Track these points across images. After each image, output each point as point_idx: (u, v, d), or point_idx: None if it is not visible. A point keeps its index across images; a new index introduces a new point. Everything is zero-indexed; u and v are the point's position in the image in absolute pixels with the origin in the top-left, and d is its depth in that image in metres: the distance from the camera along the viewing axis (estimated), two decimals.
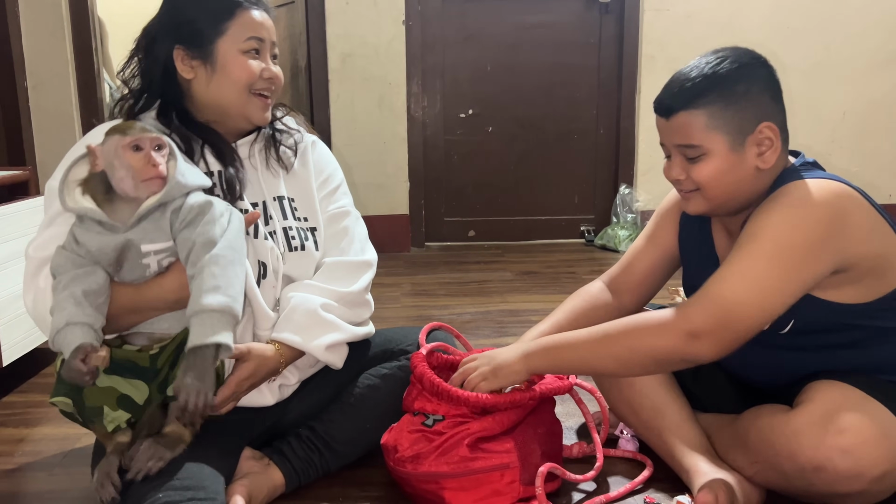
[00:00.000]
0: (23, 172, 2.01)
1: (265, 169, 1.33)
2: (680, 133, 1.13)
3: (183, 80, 1.26)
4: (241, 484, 1.19)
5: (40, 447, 1.50)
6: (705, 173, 1.13)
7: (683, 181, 1.16)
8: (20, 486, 1.36)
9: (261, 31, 1.26)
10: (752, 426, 1.16)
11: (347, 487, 1.30)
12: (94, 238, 1.08)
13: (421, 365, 1.29)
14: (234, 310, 1.05)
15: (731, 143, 1.11)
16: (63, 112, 2.92)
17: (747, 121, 1.11)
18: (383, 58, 3.30)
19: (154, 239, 1.10)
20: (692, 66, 1.14)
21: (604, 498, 1.24)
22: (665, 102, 1.14)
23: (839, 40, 3.38)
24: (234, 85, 1.24)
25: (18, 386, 1.83)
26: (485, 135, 3.52)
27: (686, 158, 1.14)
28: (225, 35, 1.24)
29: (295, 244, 1.31)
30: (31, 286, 1.16)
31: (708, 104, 1.10)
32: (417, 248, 3.49)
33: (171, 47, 1.24)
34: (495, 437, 1.21)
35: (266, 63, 1.27)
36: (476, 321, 2.33)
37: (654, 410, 1.28)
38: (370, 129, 3.35)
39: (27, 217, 1.82)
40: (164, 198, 1.09)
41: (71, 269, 1.07)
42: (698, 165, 1.13)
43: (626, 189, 3.46)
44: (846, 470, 1.02)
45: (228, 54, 1.24)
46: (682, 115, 1.12)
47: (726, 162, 1.12)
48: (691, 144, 1.12)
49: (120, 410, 1.09)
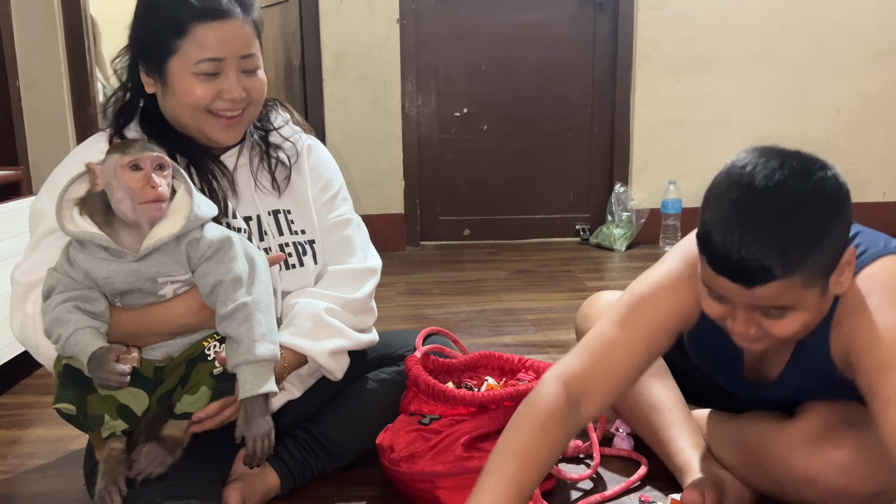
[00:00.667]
0: (15, 172, 2.00)
1: (257, 182, 1.28)
2: (766, 299, 0.90)
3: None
4: (234, 487, 1.18)
5: (33, 449, 1.49)
6: (791, 330, 0.93)
7: (754, 332, 0.95)
8: (12, 488, 1.35)
9: (218, 50, 1.14)
10: (750, 429, 1.15)
11: (342, 487, 1.30)
12: (99, 265, 1.03)
13: (416, 367, 1.29)
14: (278, 356, 1.09)
15: (822, 290, 0.92)
16: (56, 112, 2.90)
17: (837, 257, 0.91)
18: (377, 56, 3.29)
19: (171, 272, 1.06)
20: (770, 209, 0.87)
21: (599, 497, 1.24)
22: (749, 269, 0.87)
23: (832, 37, 3.38)
24: (185, 107, 1.17)
25: (11, 387, 1.82)
26: (479, 133, 3.51)
27: (763, 314, 0.93)
28: (175, 55, 1.14)
29: (292, 262, 1.28)
30: (19, 312, 1.12)
31: (807, 265, 0.88)
32: (412, 247, 3.49)
33: (136, 57, 1.20)
34: (490, 437, 1.21)
35: (228, 83, 1.16)
36: (471, 320, 2.33)
37: (651, 408, 1.27)
38: (364, 127, 3.34)
39: (19, 217, 1.81)
40: (182, 231, 1.04)
41: (66, 291, 1.04)
42: (781, 322, 0.93)
43: (621, 187, 3.46)
44: (839, 486, 1.01)
45: (178, 76, 1.15)
46: (774, 285, 0.88)
47: (815, 310, 0.94)
48: (780, 307, 0.91)
49: (119, 420, 1.07)
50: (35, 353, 1.14)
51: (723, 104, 3.42)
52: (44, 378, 1.87)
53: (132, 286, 1.06)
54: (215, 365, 1.09)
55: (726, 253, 0.88)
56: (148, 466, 1.07)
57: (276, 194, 1.30)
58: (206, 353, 1.09)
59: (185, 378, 1.10)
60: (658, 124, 3.45)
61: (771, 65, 3.40)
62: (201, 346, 1.10)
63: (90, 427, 1.07)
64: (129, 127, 1.23)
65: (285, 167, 1.31)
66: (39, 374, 1.89)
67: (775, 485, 1.10)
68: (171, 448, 1.10)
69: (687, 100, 3.43)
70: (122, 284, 1.05)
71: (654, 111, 3.44)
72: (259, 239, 1.26)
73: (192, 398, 1.08)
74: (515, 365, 1.40)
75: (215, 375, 1.09)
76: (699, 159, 3.45)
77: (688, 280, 1.04)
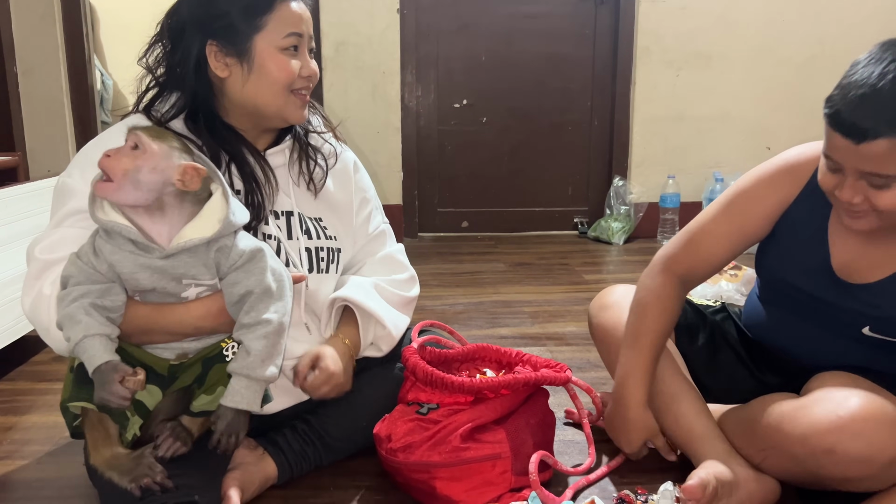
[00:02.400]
0: (12, 158, 1.99)
1: (296, 183, 1.28)
2: (871, 161, 0.98)
3: (215, 78, 1.18)
4: (233, 476, 1.18)
5: (29, 435, 1.49)
6: (893, 202, 1.00)
7: (859, 204, 1.04)
8: (8, 475, 1.35)
9: (300, 26, 1.17)
10: (762, 413, 1.15)
11: (338, 477, 1.30)
12: (126, 258, 1.01)
13: (413, 357, 1.29)
14: (276, 379, 1.09)
15: None
16: (53, 98, 2.89)
17: None
18: (377, 47, 3.28)
19: (198, 275, 1.05)
20: (886, 77, 0.96)
21: (584, 480, 1.26)
22: (860, 124, 0.96)
23: (833, 34, 3.38)
24: (272, 85, 1.17)
25: (7, 374, 1.81)
26: (479, 125, 3.51)
27: (868, 184, 1.01)
28: (263, 31, 1.15)
29: (322, 266, 1.29)
30: (33, 289, 1.08)
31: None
32: (410, 238, 3.48)
33: (203, 41, 1.15)
34: (488, 428, 1.21)
35: (305, 59, 1.19)
36: (468, 311, 2.33)
37: (670, 396, 1.27)
38: (363, 118, 3.33)
39: (16, 203, 1.80)
40: (215, 235, 1.03)
41: (85, 282, 1.01)
42: (883, 193, 1.00)
43: (620, 181, 3.46)
44: (857, 453, 1.01)
45: (266, 52, 1.15)
46: (880, 143, 0.96)
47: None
48: (882, 174, 0.99)
49: (136, 416, 1.06)
50: (45, 333, 1.10)
51: (723, 99, 3.41)
52: (40, 365, 1.86)
53: (156, 284, 1.04)
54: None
55: (843, 108, 0.98)
56: (176, 441, 1.06)
57: (311, 196, 1.30)
58: (224, 354, 1.09)
59: (201, 377, 1.09)
60: (658, 118, 3.45)
61: (771, 61, 3.40)
62: (219, 347, 1.09)
63: (117, 421, 1.05)
64: (172, 125, 1.19)
65: (322, 170, 1.32)
66: (36, 360, 1.89)
67: (794, 464, 1.10)
68: (186, 435, 1.09)
69: (687, 94, 3.42)
70: (147, 282, 1.03)
71: (654, 105, 3.44)
72: (288, 238, 1.25)
73: (210, 398, 1.07)
74: (513, 359, 1.40)
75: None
76: (698, 154, 3.45)
77: (787, 173, 1.20)
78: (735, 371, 1.36)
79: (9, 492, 1.30)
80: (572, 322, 2.17)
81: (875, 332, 1.15)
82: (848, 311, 1.16)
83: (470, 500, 1.16)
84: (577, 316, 2.23)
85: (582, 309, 1.49)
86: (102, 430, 1.05)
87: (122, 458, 1.04)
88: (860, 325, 1.16)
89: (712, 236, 1.25)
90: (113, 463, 1.04)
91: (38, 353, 1.93)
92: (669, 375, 1.28)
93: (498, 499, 1.18)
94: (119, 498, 1.02)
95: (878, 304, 1.13)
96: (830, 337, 1.20)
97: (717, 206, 1.26)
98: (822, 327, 1.21)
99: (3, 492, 1.29)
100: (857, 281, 1.15)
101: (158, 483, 1.01)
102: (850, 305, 1.16)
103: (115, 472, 1.03)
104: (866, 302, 1.14)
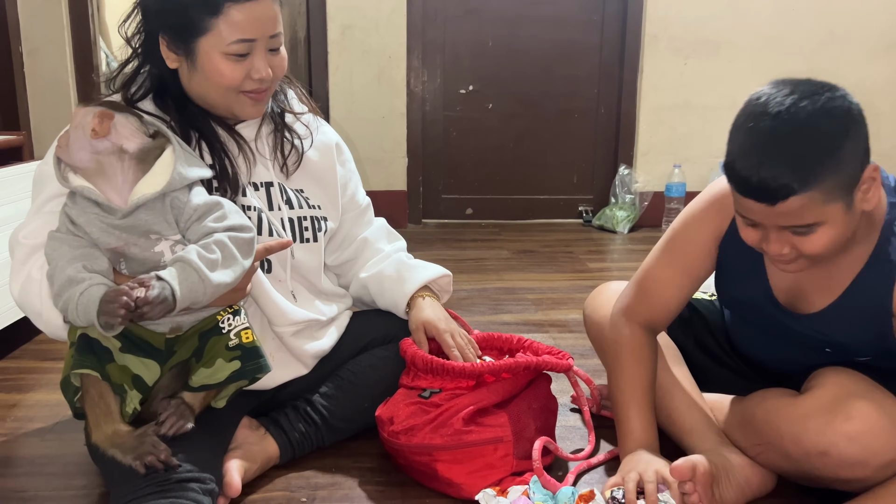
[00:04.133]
0: (17, 137, 1.98)
1: (272, 156, 1.28)
2: (789, 217, 0.96)
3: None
4: (235, 456, 1.19)
5: (33, 412, 1.50)
6: (820, 245, 0.99)
7: (787, 254, 1.02)
8: (12, 451, 1.36)
9: (251, 31, 1.11)
10: (759, 408, 1.15)
11: (340, 458, 1.30)
12: (93, 222, 1.04)
13: (411, 348, 1.30)
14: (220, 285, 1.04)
15: (845, 205, 0.97)
16: (58, 79, 2.88)
17: (856, 173, 0.97)
18: (383, 30, 3.26)
19: (162, 230, 1.06)
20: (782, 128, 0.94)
21: (585, 464, 1.27)
22: (771, 187, 0.94)
23: (843, 24, 3.35)
24: (216, 87, 1.15)
25: (11, 352, 1.82)
26: (484, 112, 3.49)
27: (792, 233, 0.99)
28: (208, 34, 1.11)
29: (307, 235, 1.29)
30: (20, 273, 1.10)
31: (822, 180, 0.93)
32: (414, 224, 3.48)
33: (157, 30, 1.15)
34: (490, 411, 1.21)
35: (257, 63, 1.14)
36: (472, 298, 2.33)
37: (664, 391, 1.27)
38: (369, 102, 3.32)
39: (20, 182, 1.80)
40: (164, 189, 1.05)
41: (68, 251, 1.03)
42: (810, 238, 0.98)
43: (626, 170, 3.45)
44: (851, 456, 1.01)
45: (208, 56, 1.12)
46: (793, 200, 0.94)
47: (842, 225, 0.98)
48: (803, 224, 0.97)
49: (134, 390, 1.06)
50: (36, 318, 1.12)
51: (730, 88, 3.39)
52: (44, 343, 1.87)
53: (127, 242, 1.05)
54: (230, 338, 1.09)
55: (748, 176, 0.96)
56: (179, 419, 1.06)
57: (284, 175, 1.31)
58: (220, 327, 1.09)
59: (198, 351, 1.09)
60: (664, 107, 3.43)
61: (780, 50, 3.37)
62: (215, 320, 1.10)
63: (117, 393, 1.05)
64: (144, 101, 1.20)
65: (297, 151, 1.31)
66: (40, 339, 1.90)
67: (788, 462, 1.10)
68: (187, 412, 1.09)
69: (694, 83, 3.40)
70: (116, 241, 1.05)
71: (661, 94, 3.42)
72: (269, 208, 1.26)
73: (209, 371, 1.08)
74: (514, 345, 1.40)
75: (231, 348, 1.09)
76: (705, 143, 3.43)
77: (714, 206, 1.18)
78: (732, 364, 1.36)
79: (13, 467, 1.31)
80: (575, 309, 2.17)
81: (836, 356, 1.14)
82: (805, 335, 1.15)
83: (471, 482, 1.17)
84: (580, 304, 2.22)
85: (585, 297, 1.49)
86: (104, 405, 1.05)
87: (125, 435, 1.05)
88: (821, 346, 1.15)
89: (660, 282, 1.24)
90: (115, 440, 1.04)
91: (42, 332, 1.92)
92: (661, 369, 1.28)
93: (499, 482, 1.18)
94: (121, 475, 1.03)
95: (825, 333, 1.12)
96: (801, 352, 1.18)
97: (658, 250, 1.25)
98: (791, 345, 1.19)
99: (7, 467, 1.30)
100: (802, 311, 1.14)
101: (162, 461, 1.01)
102: (802, 331, 1.15)
103: (117, 450, 1.03)
104: (816, 330, 1.13)
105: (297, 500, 1.19)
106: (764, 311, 1.19)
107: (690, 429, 1.23)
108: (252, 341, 1.11)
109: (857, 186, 0.97)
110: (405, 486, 1.23)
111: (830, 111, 0.94)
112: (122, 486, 1.01)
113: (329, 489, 1.22)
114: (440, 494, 1.20)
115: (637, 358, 1.23)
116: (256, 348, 1.11)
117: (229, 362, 1.08)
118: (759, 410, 1.15)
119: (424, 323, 1.33)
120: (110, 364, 1.05)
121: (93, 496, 1.20)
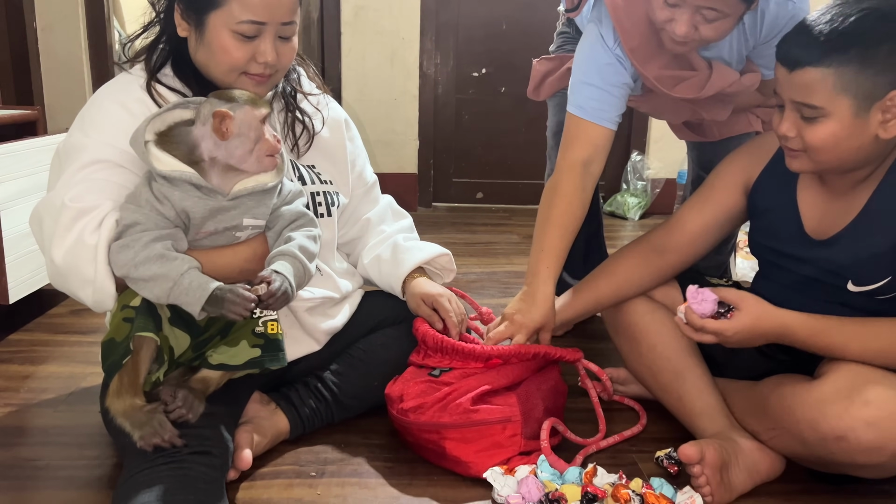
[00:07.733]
0: (32, 112, 1.99)
1: (282, 133, 1.29)
2: (801, 90, 1.02)
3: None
4: (246, 430, 1.20)
5: (46, 384, 1.52)
6: (819, 137, 1.03)
7: (792, 139, 1.07)
8: (25, 422, 1.37)
9: (263, 14, 1.10)
10: (773, 393, 1.15)
11: (349, 435, 1.31)
12: (197, 204, 1.05)
13: (423, 326, 1.30)
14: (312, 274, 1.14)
15: (856, 108, 1.00)
16: (72, 55, 2.88)
17: (880, 86, 0.99)
18: (397, 12, 3.25)
19: (257, 215, 1.11)
20: (831, 13, 1.00)
21: (594, 447, 1.27)
22: (792, 53, 1.02)
23: None
24: (218, 64, 1.14)
25: (25, 325, 1.83)
26: (497, 95, 3.47)
27: (801, 116, 1.04)
28: (219, 9, 1.10)
29: (321, 210, 1.31)
30: (66, 238, 1.04)
31: (842, 64, 0.98)
32: (424, 207, 3.48)
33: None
34: (500, 392, 1.22)
35: (264, 46, 1.12)
36: (481, 281, 2.33)
37: (675, 374, 1.27)
38: (381, 84, 3.30)
39: (34, 155, 1.81)
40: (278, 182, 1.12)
41: (153, 228, 1.03)
42: (813, 127, 1.03)
43: (638, 156, 3.43)
44: (869, 442, 1.00)
45: (216, 31, 1.11)
46: (808, 72, 1.00)
47: (846, 128, 1.02)
48: (811, 105, 1.02)
49: (167, 362, 1.08)
50: (84, 285, 1.06)
51: None
52: (56, 318, 1.88)
53: (225, 225, 1.09)
54: (258, 325, 1.11)
55: (785, 38, 1.05)
56: (188, 410, 1.06)
57: (295, 154, 1.31)
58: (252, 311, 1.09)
59: (224, 330, 1.11)
60: None
61: None
62: None
63: (158, 362, 1.07)
64: (164, 71, 1.19)
65: (308, 132, 1.32)
66: (52, 313, 1.91)
67: (803, 447, 1.10)
68: (199, 399, 1.10)
69: None
70: (213, 225, 1.08)
71: None
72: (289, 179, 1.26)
73: (232, 351, 1.09)
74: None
75: (257, 334, 1.10)
76: None
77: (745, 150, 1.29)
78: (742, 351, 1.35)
79: (27, 437, 1.32)
80: None
81: (859, 286, 1.13)
82: (828, 272, 1.15)
83: (479, 461, 1.17)
84: None
85: None
86: (134, 375, 1.05)
87: (138, 409, 1.05)
88: (843, 283, 1.14)
89: (686, 207, 1.34)
90: (129, 412, 1.05)
91: (54, 307, 1.95)
92: (674, 350, 1.28)
93: (507, 462, 1.18)
94: (135, 446, 1.04)
95: (846, 259, 1.13)
96: (824, 301, 1.17)
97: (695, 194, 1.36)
98: (814, 298, 1.18)
99: (21, 437, 1.32)
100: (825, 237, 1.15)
101: (167, 442, 1.02)
102: (826, 267, 1.15)
103: (128, 422, 1.04)
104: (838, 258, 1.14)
105: (307, 474, 1.20)
106: (794, 252, 1.19)
107: (700, 412, 1.23)
108: (276, 333, 1.12)
109: (876, 101, 0.99)
110: (414, 463, 1.24)
111: (886, 15, 0.98)
112: (136, 457, 1.02)
113: (338, 464, 1.23)
114: (448, 472, 1.20)
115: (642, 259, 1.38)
116: (279, 341, 1.12)
117: (252, 348, 1.10)
118: (774, 395, 1.14)
119: (422, 297, 1.34)
120: (159, 332, 1.06)
121: (105, 466, 1.22)
